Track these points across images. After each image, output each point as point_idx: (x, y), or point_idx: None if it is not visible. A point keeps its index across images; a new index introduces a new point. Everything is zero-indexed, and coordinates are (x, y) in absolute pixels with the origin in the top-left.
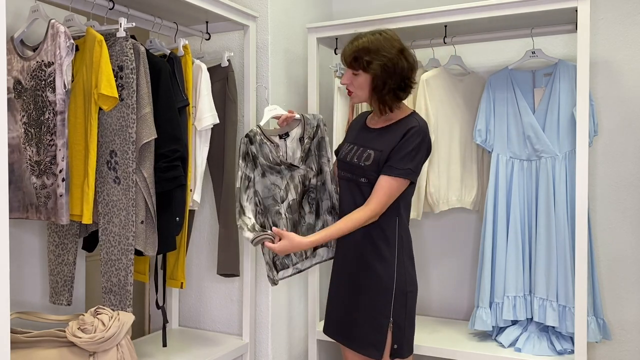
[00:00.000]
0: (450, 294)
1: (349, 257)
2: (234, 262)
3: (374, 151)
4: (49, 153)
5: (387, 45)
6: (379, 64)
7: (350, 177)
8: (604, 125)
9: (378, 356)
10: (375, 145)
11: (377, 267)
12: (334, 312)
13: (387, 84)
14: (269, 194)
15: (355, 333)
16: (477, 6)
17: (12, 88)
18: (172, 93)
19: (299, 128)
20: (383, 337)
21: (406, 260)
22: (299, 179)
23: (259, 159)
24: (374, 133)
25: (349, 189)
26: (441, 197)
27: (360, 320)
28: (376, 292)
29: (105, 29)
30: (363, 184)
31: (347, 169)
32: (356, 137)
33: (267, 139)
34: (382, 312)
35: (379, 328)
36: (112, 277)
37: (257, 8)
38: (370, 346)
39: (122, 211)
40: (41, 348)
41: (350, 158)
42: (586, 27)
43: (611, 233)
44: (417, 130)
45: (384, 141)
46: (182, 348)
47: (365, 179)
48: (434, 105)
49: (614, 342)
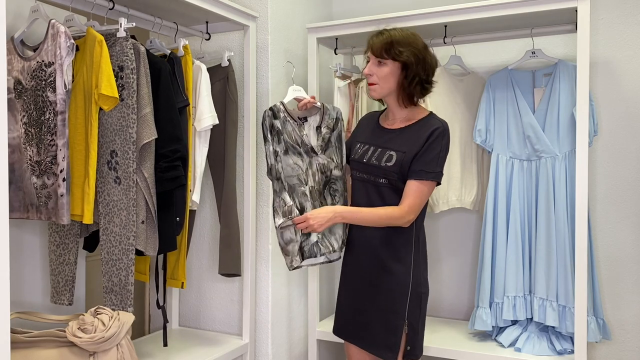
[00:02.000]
0: (450, 294)
1: (365, 258)
2: (235, 262)
3: (396, 152)
4: (50, 153)
5: (415, 40)
6: (412, 52)
7: (366, 178)
8: (604, 125)
9: (392, 358)
10: (396, 146)
11: (394, 268)
12: (346, 314)
13: (418, 74)
14: (292, 173)
15: (369, 334)
16: (477, 6)
17: (13, 88)
18: (172, 93)
19: (318, 116)
20: (398, 339)
21: (422, 261)
22: (317, 166)
23: (283, 135)
24: (393, 133)
25: (364, 190)
26: (441, 197)
27: (375, 322)
28: (392, 294)
29: (106, 29)
30: (382, 185)
31: (363, 169)
32: (370, 137)
33: (290, 117)
34: (398, 313)
35: (394, 330)
36: (112, 277)
37: (257, 8)
38: (385, 348)
39: (122, 211)
40: (41, 348)
41: (367, 159)
42: (586, 27)
43: (611, 233)
44: (442, 131)
45: (406, 142)
46: (182, 348)
47: (385, 179)
48: (434, 105)
49: (614, 342)
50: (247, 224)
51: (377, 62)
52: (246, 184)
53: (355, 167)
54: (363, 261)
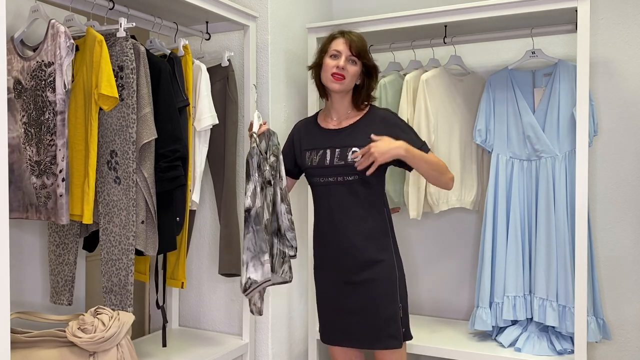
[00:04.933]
0: (450, 294)
1: (347, 258)
2: (235, 262)
3: (360, 147)
4: (49, 153)
5: None
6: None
7: (333, 180)
8: (604, 125)
9: (398, 344)
10: (358, 141)
11: (380, 257)
12: (336, 320)
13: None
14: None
15: (369, 331)
16: (477, 6)
17: (12, 88)
18: (172, 93)
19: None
20: (398, 325)
21: (396, 244)
22: (270, 197)
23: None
24: (345, 131)
25: (334, 192)
26: (441, 197)
27: (373, 316)
28: (385, 283)
29: (106, 29)
30: (352, 182)
31: (328, 173)
32: (320, 141)
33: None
34: (394, 299)
35: (394, 317)
36: (112, 277)
37: (257, 8)
38: (389, 338)
39: (122, 211)
40: (41, 348)
41: (329, 161)
42: (586, 27)
43: (611, 233)
44: (392, 112)
45: (365, 135)
46: (182, 348)
47: (355, 176)
48: (434, 105)
49: (614, 342)
50: None
51: (350, 60)
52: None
53: (316, 173)
54: (345, 262)
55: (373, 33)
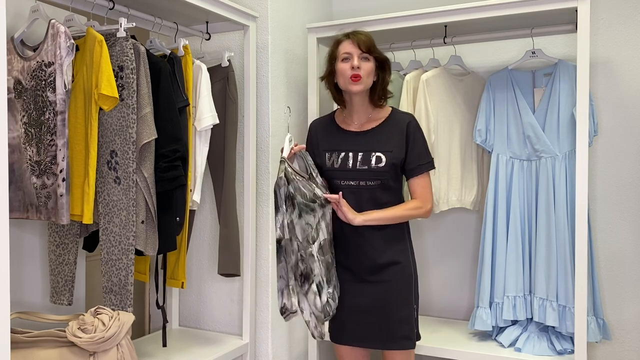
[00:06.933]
0: (450, 294)
1: (365, 260)
2: (234, 262)
3: (383, 153)
4: (49, 153)
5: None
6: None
7: (355, 184)
8: (604, 125)
9: (412, 345)
10: (379, 147)
11: (400, 260)
12: (348, 319)
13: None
14: (303, 235)
15: (385, 332)
16: (477, 6)
17: (13, 88)
18: (172, 93)
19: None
20: (411, 326)
21: (412, 246)
22: (329, 216)
23: (296, 199)
24: (367, 135)
25: (353, 196)
26: (441, 197)
27: (388, 317)
28: (402, 285)
29: (106, 29)
30: (374, 187)
31: (350, 176)
32: (341, 143)
33: (297, 174)
34: (409, 301)
35: (408, 318)
36: (112, 277)
37: (257, 8)
38: (404, 339)
39: (122, 211)
40: (41, 348)
41: (352, 165)
42: (586, 27)
43: (611, 233)
44: (416, 123)
45: (387, 141)
46: (182, 348)
47: (377, 181)
48: (434, 105)
49: (614, 342)
50: (247, 224)
51: (362, 58)
52: (246, 184)
53: (338, 176)
54: (363, 263)
55: (373, 33)
